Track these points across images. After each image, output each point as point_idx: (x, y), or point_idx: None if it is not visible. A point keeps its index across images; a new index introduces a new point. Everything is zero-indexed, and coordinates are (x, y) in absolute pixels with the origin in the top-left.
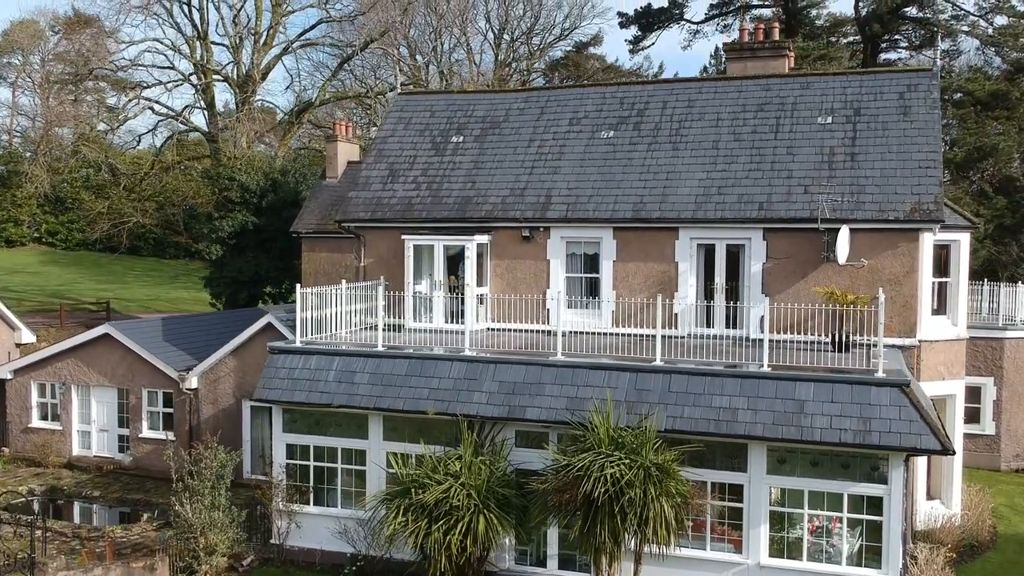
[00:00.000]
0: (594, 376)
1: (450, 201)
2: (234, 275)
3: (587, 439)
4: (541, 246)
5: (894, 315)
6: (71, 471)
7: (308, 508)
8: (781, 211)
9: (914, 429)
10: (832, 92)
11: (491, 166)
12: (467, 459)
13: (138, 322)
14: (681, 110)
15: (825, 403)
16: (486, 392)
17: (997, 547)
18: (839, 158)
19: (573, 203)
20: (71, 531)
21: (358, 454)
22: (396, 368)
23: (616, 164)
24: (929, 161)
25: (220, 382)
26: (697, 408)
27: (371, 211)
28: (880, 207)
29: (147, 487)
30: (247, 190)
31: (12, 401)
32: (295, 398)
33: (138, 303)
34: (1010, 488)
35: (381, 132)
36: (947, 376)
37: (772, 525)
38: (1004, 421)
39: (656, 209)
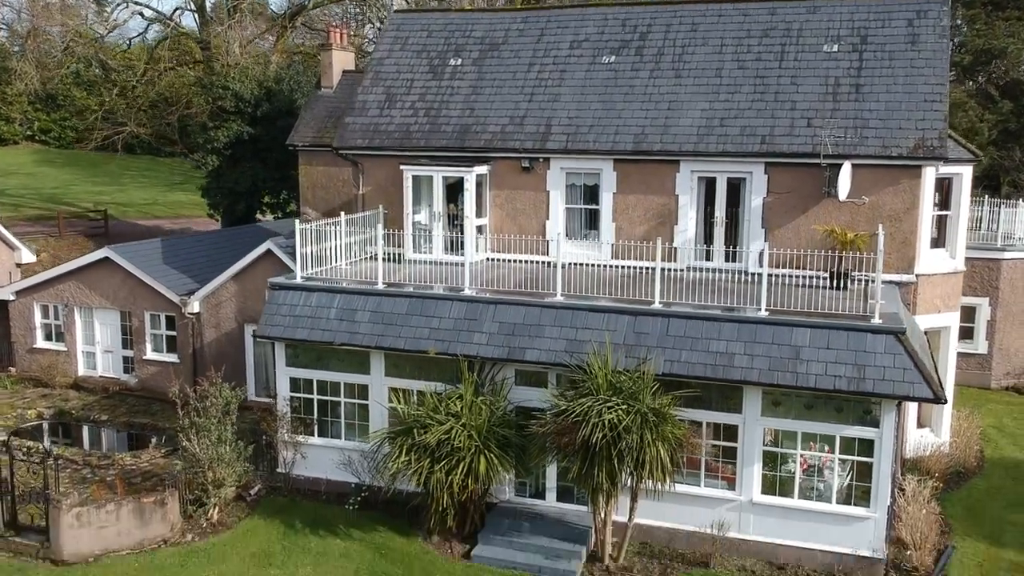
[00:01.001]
0: (593, 319)
1: (449, 129)
2: (231, 186)
3: (586, 384)
4: (541, 177)
5: (893, 251)
6: (77, 392)
7: (313, 439)
8: (783, 145)
9: (907, 377)
10: (839, 17)
11: (490, 92)
12: (468, 399)
13: (138, 244)
14: (684, 35)
15: (821, 349)
16: (486, 333)
17: (983, 473)
18: (844, 89)
19: (573, 133)
20: (81, 459)
21: (360, 388)
22: (397, 307)
23: (617, 92)
24: (935, 95)
25: (222, 307)
26: (695, 352)
27: (368, 138)
28: (883, 143)
29: (153, 409)
30: (241, 99)
31: (16, 322)
32: (297, 335)
33: (136, 208)
34: (999, 408)
35: (377, 53)
36: (943, 309)
37: (765, 464)
38: (997, 340)
39: (657, 141)
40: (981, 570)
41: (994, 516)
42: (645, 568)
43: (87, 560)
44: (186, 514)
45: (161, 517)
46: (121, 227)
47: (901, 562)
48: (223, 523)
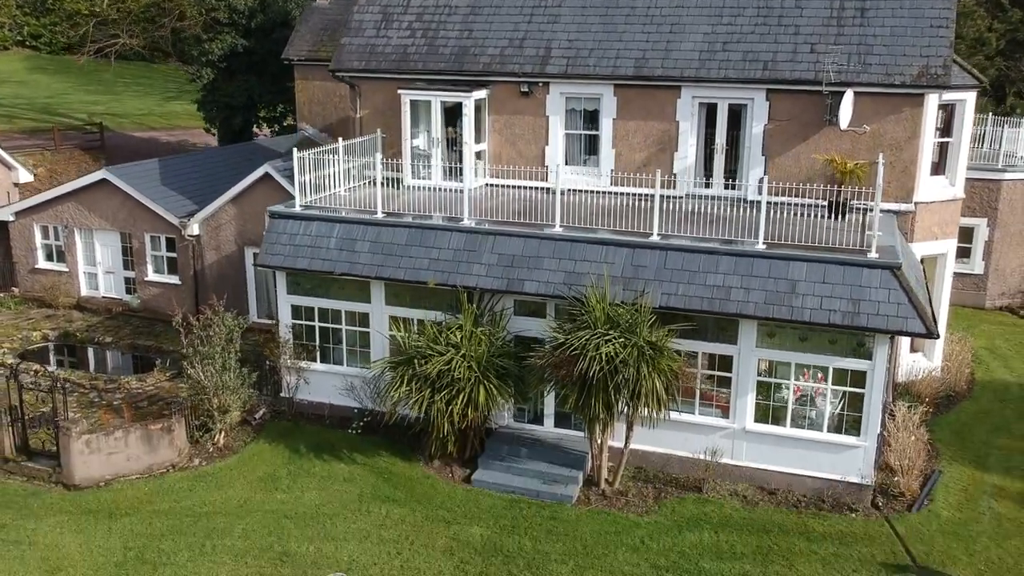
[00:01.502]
0: (591, 251)
1: (447, 51)
2: (227, 100)
3: (584, 316)
4: (540, 102)
5: (892, 180)
6: (81, 313)
7: (315, 365)
8: (786, 72)
9: (901, 312)
10: None
11: (488, 12)
12: (467, 330)
13: (136, 165)
14: None
15: (816, 283)
16: (485, 264)
17: (973, 396)
18: (848, 13)
19: (573, 57)
20: (88, 382)
21: (361, 316)
22: (396, 237)
23: (618, 12)
24: (941, 19)
25: (221, 229)
26: (692, 286)
27: (365, 60)
28: (887, 70)
29: (156, 331)
30: (235, 11)
31: (16, 243)
32: (297, 264)
33: (131, 119)
34: (992, 329)
35: None
36: (940, 236)
37: (758, 393)
38: (993, 261)
39: (659, 66)
40: (965, 494)
41: (980, 440)
42: (640, 492)
43: (98, 484)
44: (193, 439)
45: (168, 443)
46: (117, 139)
47: (888, 487)
48: (229, 447)
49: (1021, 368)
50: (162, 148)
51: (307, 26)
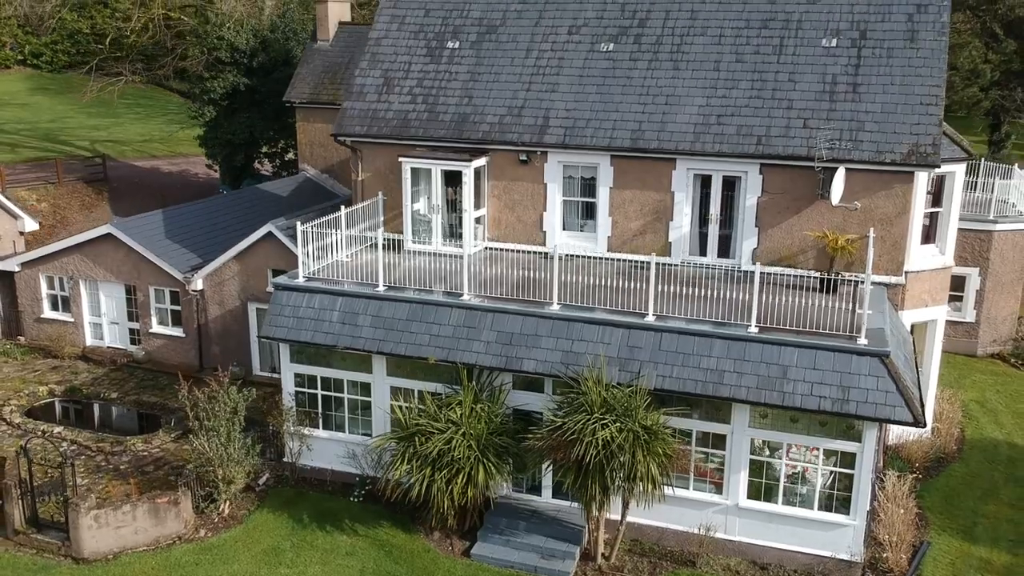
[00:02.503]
0: (588, 331)
1: (447, 118)
2: (229, 137)
3: (580, 399)
4: (538, 169)
5: (883, 254)
6: (86, 363)
7: (318, 432)
8: (779, 147)
9: (890, 400)
10: (839, 9)
11: (488, 79)
12: (467, 406)
13: (141, 218)
14: (683, 23)
15: (807, 369)
16: (484, 342)
17: (962, 457)
18: (841, 88)
19: (571, 127)
20: (94, 444)
21: (363, 386)
22: (398, 312)
23: (615, 83)
24: (931, 97)
25: (225, 284)
26: (686, 368)
27: (367, 125)
28: (878, 147)
29: (161, 383)
30: (237, 50)
31: (23, 292)
32: (301, 337)
33: (133, 146)
34: (983, 379)
35: (374, 32)
36: (930, 303)
37: (751, 470)
38: (985, 309)
39: (654, 139)
40: (953, 568)
41: (969, 507)
42: (635, 566)
43: (106, 558)
44: (198, 509)
45: (175, 515)
46: (119, 170)
47: (878, 563)
48: (234, 516)
49: (1011, 424)
50: (164, 179)
51: (308, 68)
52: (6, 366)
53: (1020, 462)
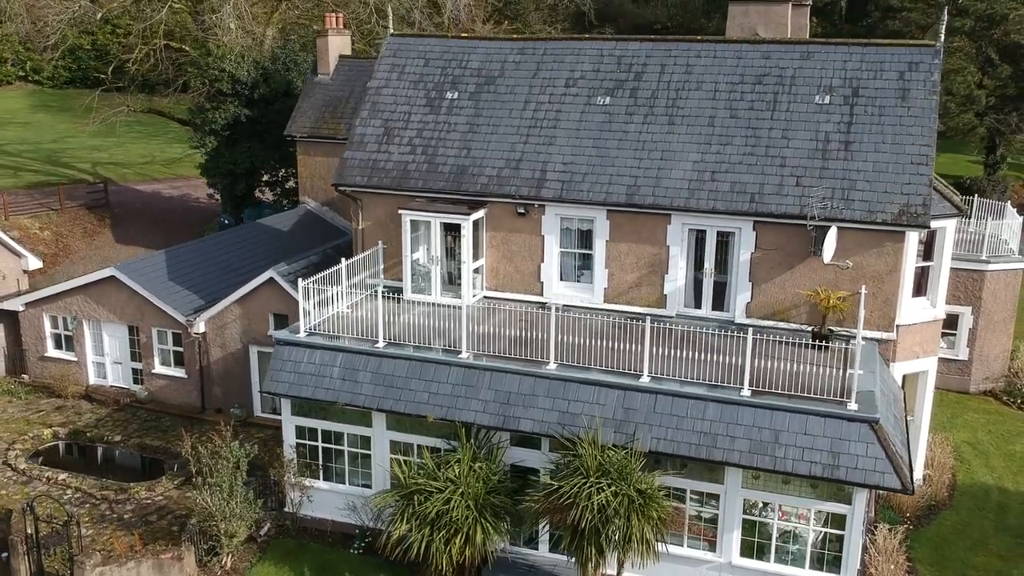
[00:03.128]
0: (584, 391)
1: (446, 170)
2: (230, 167)
3: (576, 463)
4: (536, 221)
5: (874, 310)
6: (90, 403)
7: (318, 483)
8: (772, 205)
9: (879, 467)
10: (832, 66)
11: (486, 130)
12: (465, 464)
13: (144, 261)
14: (679, 77)
15: (799, 435)
16: (482, 400)
17: (953, 505)
18: (833, 146)
19: (568, 181)
20: (98, 491)
21: (363, 439)
22: (397, 369)
23: (611, 137)
24: (922, 156)
25: (227, 328)
26: (680, 431)
27: (367, 176)
28: (869, 207)
29: (164, 425)
30: (238, 82)
31: (27, 331)
32: (302, 393)
33: (134, 169)
34: (975, 418)
35: (375, 82)
36: (921, 355)
37: (744, 529)
38: (978, 347)
39: (650, 194)
40: None
41: (959, 559)
42: None
43: None
44: (201, 563)
45: (178, 570)
46: (121, 194)
47: None
48: (236, 569)
49: (1001, 467)
50: (165, 203)
51: (309, 102)
52: (10, 406)
53: (1010, 509)
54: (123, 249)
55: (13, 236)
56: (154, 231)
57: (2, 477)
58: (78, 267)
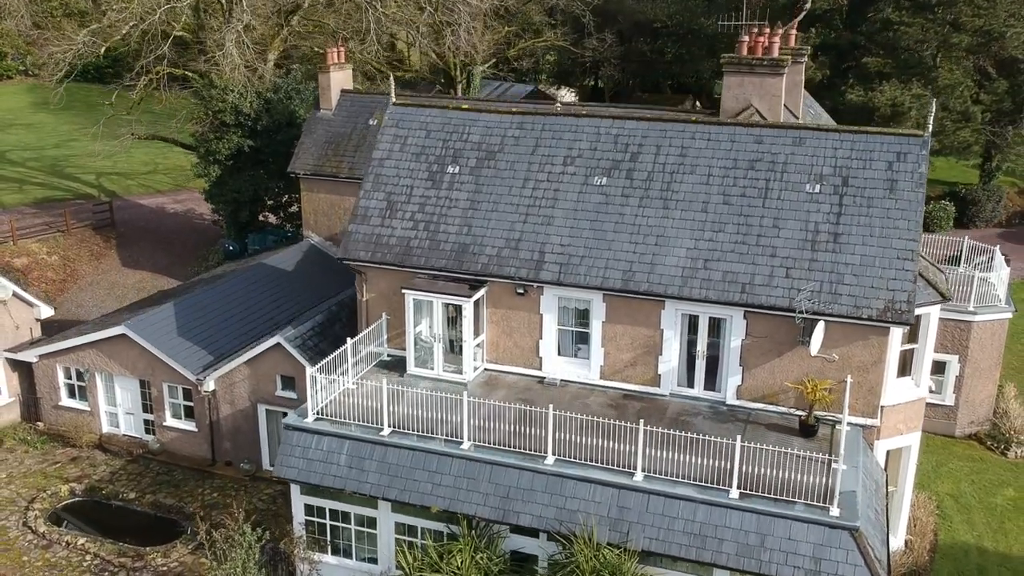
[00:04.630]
0: (581, 488)
1: (447, 247)
2: (235, 195)
3: (571, 565)
4: (535, 300)
5: (859, 398)
6: (104, 454)
7: (327, 558)
8: (762, 296)
9: (858, 574)
10: (823, 153)
11: (487, 207)
12: (467, 554)
13: (153, 315)
14: (674, 159)
15: (783, 539)
16: (483, 493)
17: (934, 569)
18: (822, 237)
19: (565, 263)
20: (116, 559)
21: (369, 519)
22: (401, 459)
23: (608, 220)
24: (907, 251)
25: (235, 386)
26: (672, 532)
27: (371, 251)
28: (856, 303)
29: (176, 479)
30: (241, 113)
31: (40, 381)
32: (311, 479)
33: (137, 180)
34: (959, 467)
35: (378, 152)
36: (905, 431)
37: None
38: (964, 393)
39: (644, 281)
40: None
41: None
42: None
43: None
44: None
45: None
46: (126, 211)
47: None
48: None
49: (982, 524)
50: (169, 221)
51: (311, 139)
52: (27, 457)
53: (988, 571)
54: (129, 274)
55: (22, 264)
56: (159, 253)
57: (24, 541)
58: (86, 294)
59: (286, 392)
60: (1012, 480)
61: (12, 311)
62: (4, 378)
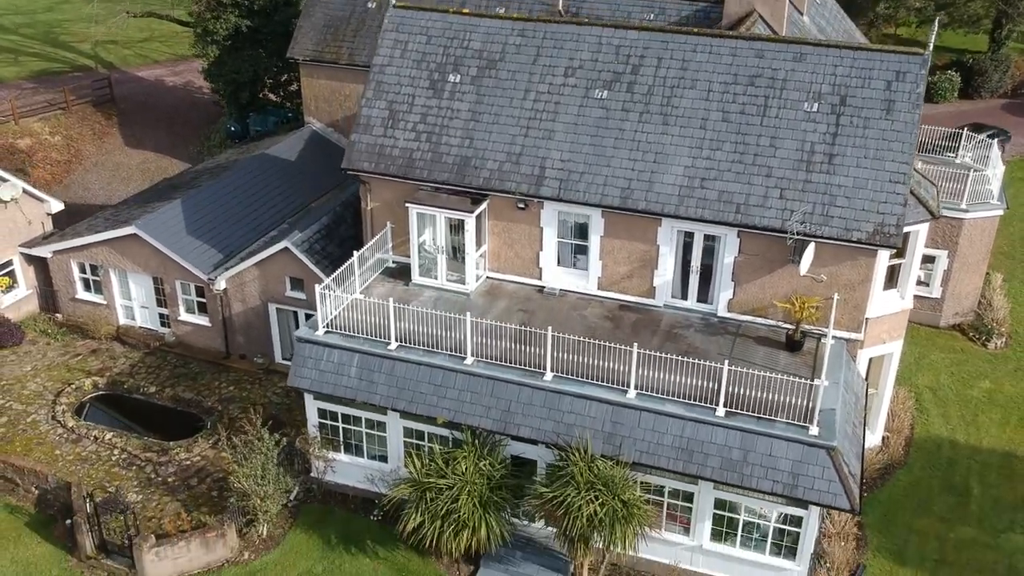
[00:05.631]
0: (577, 404)
1: (449, 160)
2: (234, 76)
3: (568, 471)
4: (535, 214)
5: (845, 313)
6: (122, 346)
7: (340, 456)
8: (756, 217)
9: (832, 489)
10: (823, 70)
11: (488, 119)
12: (471, 462)
13: (163, 213)
14: (674, 73)
15: (764, 455)
16: (485, 406)
17: (908, 462)
18: (817, 158)
19: (565, 179)
20: (142, 454)
21: (379, 423)
22: (408, 372)
23: (608, 135)
24: (899, 174)
25: (246, 286)
26: (661, 446)
27: (374, 162)
28: (846, 225)
29: (192, 372)
30: None
31: (56, 275)
32: (323, 389)
33: (134, 50)
34: (940, 358)
35: (378, 59)
36: (887, 340)
37: (714, 520)
38: (950, 287)
39: (642, 199)
40: None
41: (904, 523)
42: None
43: None
44: (241, 533)
45: (223, 543)
46: (125, 85)
47: None
48: (272, 537)
49: (956, 417)
50: (168, 96)
51: (310, 22)
52: (50, 350)
53: (957, 464)
54: (133, 154)
55: (26, 145)
56: (161, 131)
57: (54, 435)
58: (92, 176)
59: (295, 293)
60: (989, 372)
61: (23, 207)
62: (21, 272)
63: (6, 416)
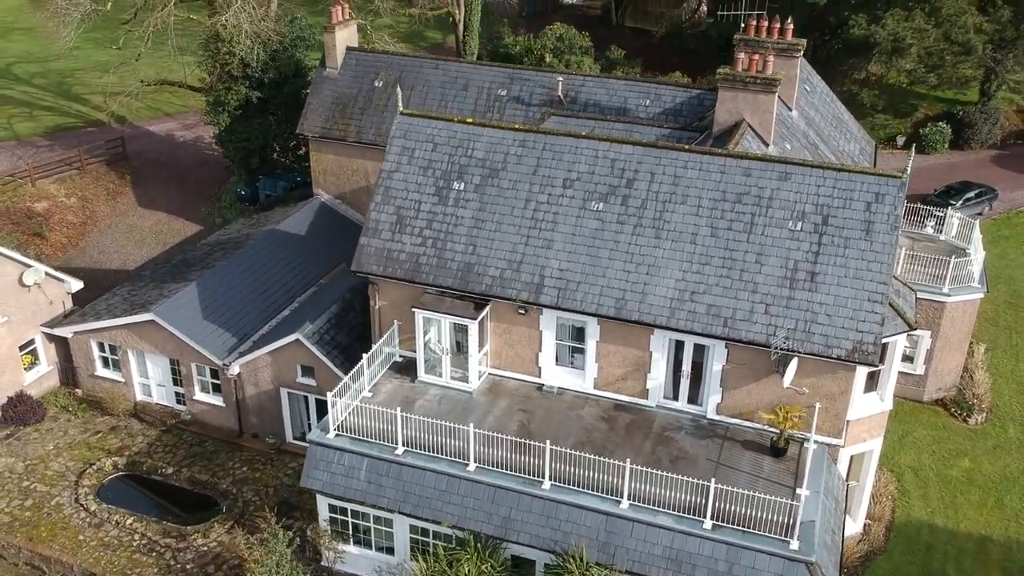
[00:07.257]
0: (573, 513)
1: (454, 266)
2: (244, 143)
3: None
4: (535, 318)
5: (826, 420)
6: (139, 423)
7: (349, 548)
8: (742, 331)
9: None
10: (807, 190)
11: (490, 227)
12: (474, 565)
13: (178, 298)
14: (667, 188)
15: (748, 568)
16: (488, 512)
17: (888, 549)
18: (801, 276)
19: (563, 288)
20: (162, 540)
21: (387, 520)
22: (415, 477)
23: (603, 246)
24: (877, 294)
25: (259, 371)
26: (652, 556)
27: (382, 266)
28: (827, 342)
29: (208, 451)
30: (248, 65)
31: (76, 353)
32: (335, 492)
33: (146, 101)
34: (923, 436)
35: (387, 164)
36: (868, 439)
37: None
38: (933, 364)
39: (636, 311)
40: None
41: None
42: None
43: None
44: None
45: None
46: (137, 141)
47: None
48: None
49: (937, 499)
50: (180, 151)
51: (318, 99)
52: (70, 427)
53: (935, 549)
54: (146, 215)
55: (43, 208)
56: (173, 191)
57: (78, 519)
58: (107, 238)
59: (305, 379)
60: (969, 449)
61: (45, 288)
62: (42, 349)
63: (31, 499)
